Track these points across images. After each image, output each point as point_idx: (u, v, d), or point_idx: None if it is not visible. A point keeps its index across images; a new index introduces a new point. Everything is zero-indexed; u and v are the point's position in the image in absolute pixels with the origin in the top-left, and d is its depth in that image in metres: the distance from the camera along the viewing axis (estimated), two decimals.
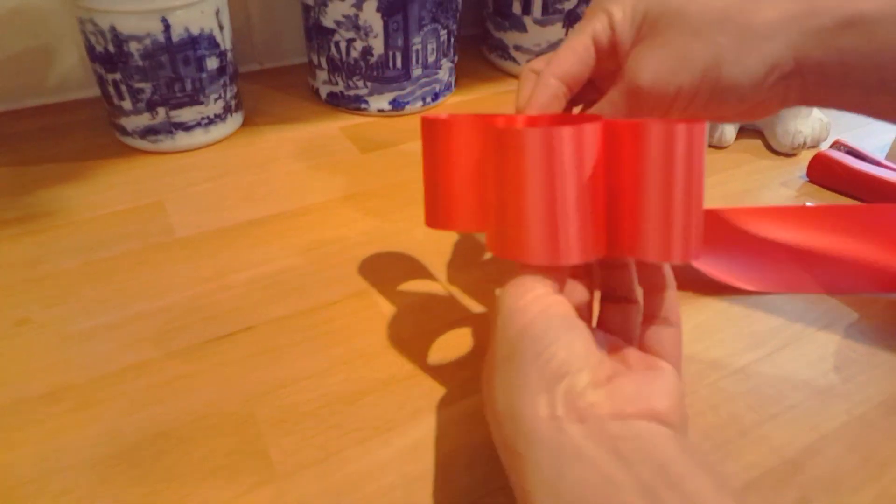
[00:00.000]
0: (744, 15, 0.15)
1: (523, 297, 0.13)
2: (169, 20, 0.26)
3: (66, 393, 0.18)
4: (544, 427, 0.11)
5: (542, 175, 0.12)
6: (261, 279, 0.22)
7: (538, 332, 0.12)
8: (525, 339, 0.12)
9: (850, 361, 0.20)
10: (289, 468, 0.16)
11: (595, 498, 0.11)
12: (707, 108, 0.16)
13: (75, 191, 0.27)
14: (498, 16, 0.37)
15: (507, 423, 0.12)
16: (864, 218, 0.22)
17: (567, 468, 0.11)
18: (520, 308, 0.13)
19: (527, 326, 0.12)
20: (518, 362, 0.12)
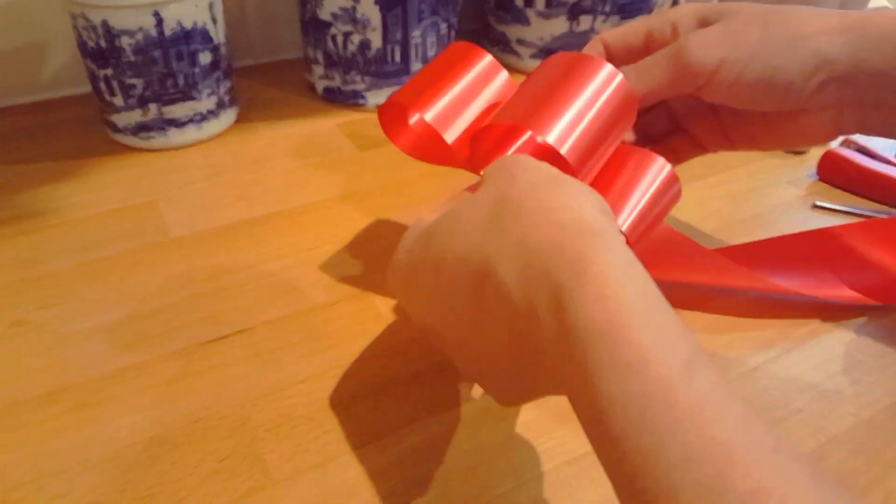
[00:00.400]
0: (802, 15, 0.15)
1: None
2: (161, 14, 0.26)
3: (61, 395, 0.18)
4: (609, 230, 0.11)
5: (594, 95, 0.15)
6: (257, 280, 0.22)
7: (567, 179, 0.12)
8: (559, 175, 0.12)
9: (857, 363, 0.19)
10: (285, 473, 0.16)
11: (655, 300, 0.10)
12: (752, 91, 0.15)
13: (68, 189, 0.26)
14: (499, 9, 0.36)
15: (548, 244, 0.11)
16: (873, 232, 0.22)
17: (637, 270, 0.11)
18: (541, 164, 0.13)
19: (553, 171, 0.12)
20: (561, 182, 0.12)
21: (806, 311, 0.21)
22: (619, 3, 0.34)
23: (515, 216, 0.11)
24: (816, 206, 0.26)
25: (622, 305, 0.10)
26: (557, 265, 0.10)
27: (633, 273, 0.10)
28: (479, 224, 0.12)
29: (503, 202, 0.12)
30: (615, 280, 0.10)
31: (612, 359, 0.09)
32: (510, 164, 0.13)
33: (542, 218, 0.11)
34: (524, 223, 0.11)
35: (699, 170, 0.29)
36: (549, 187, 0.12)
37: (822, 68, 0.15)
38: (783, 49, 0.15)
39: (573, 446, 0.17)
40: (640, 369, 0.09)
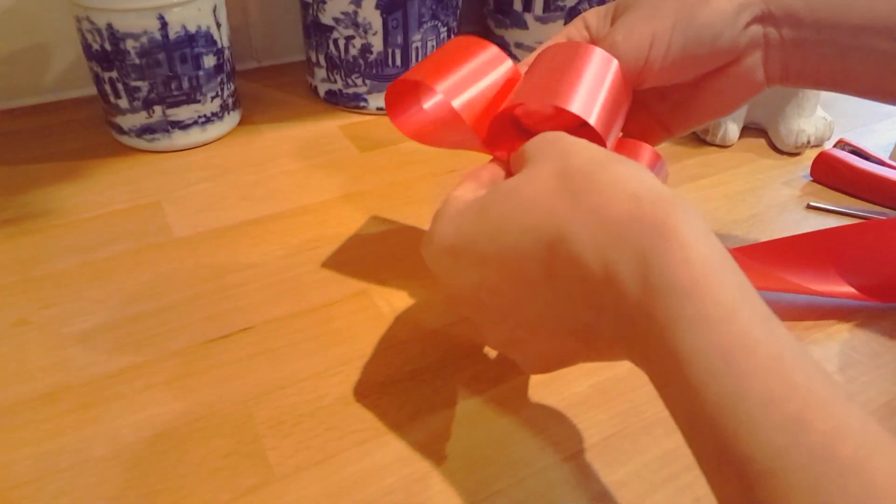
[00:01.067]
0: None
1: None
2: (166, 18, 0.26)
3: (63, 394, 0.18)
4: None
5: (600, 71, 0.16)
6: (259, 279, 0.22)
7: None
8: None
9: (852, 363, 0.19)
10: (287, 470, 0.16)
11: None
12: (685, 58, 0.16)
13: (72, 190, 0.26)
14: (499, 13, 0.37)
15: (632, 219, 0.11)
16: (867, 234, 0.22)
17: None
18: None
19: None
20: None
21: (804, 314, 0.21)
22: None
23: (586, 187, 0.12)
24: (811, 206, 0.27)
25: (706, 267, 0.10)
26: (638, 231, 0.11)
27: (711, 238, 0.11)
28: (544, 195, 0.12)
29: (568, 175, 0.12)
30: (697, 243, 0.11)
31: (696, 314, 0.10)
32: (559, 140, 0.13)
33: (616, 188, 0.12)
34: (598, 193, 0.12)
35: (695, 171, 0.29)
36: (613, 161, 0.12)
37: (741, 11, 0.16)
38: (700, 6, 0.15)
39: (571, 443, 0.17)
40: (724, 323, 0.10)
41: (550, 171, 0.13)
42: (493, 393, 0.18)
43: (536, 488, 0.16)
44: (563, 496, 0.16)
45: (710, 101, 0.18)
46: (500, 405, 0.18)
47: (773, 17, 0.16)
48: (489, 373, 0.19)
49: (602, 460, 0.16)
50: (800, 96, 0.30)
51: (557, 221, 0.12)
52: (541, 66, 0.17)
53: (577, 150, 0.13)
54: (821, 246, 0.21)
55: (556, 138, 0.14)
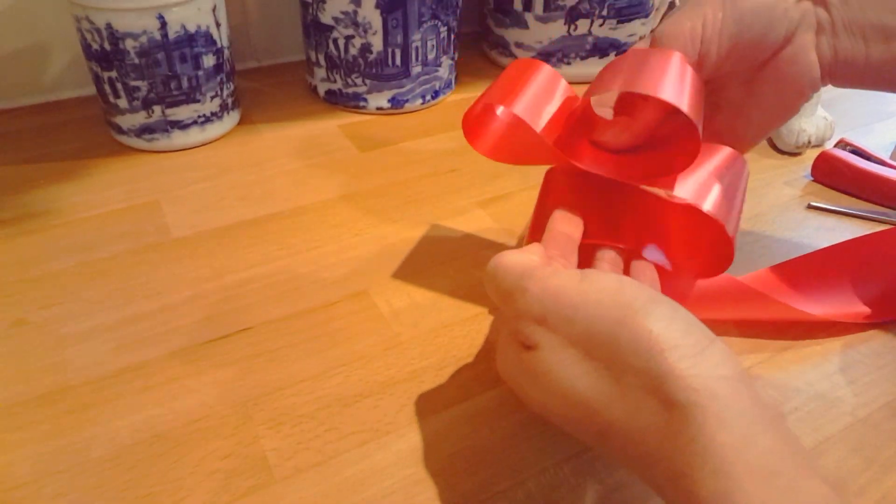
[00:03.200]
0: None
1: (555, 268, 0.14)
2: (165, 17, 0.26)
3: (62, 394, 0.18)
4: (721, 386, 0.11)
5: None
6: (258, 280, 0.22)
7: (648, 295, 0.13)
8: (637, 300, 0.13)
9: (854, 363, 0.19)
10: (286, 471, 0.16)
11: (788, 468, 0.10)
12: (739, 42, 0.16)
13: (71, 190, 0.26)
14: (499, 12, 0.37)
15: (656, 383, 0.11)
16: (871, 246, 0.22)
17: (755, 429, 0.11)
18: (584, 278, 0.13)
19: (624, 290, 0.13)
20: (648, 321, 0.12)
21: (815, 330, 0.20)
22: (616, 6, 0.35)
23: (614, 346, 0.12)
24: (811, 206, 0.27)
25: (735, 483, 0.10)
26: (660, 422, 0.11)
27: (748, 439, 0.11)
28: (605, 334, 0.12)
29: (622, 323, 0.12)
30: (730, 458, 0.10)
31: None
32: (613, 278, 0.13)
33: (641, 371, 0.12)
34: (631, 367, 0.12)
35: None
36: (621, 322, 0.12)
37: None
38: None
39: (571, 444, 0.17)
40: None
41: (607, 307, 0.13)
42: (493, 394, 0.18)
43: (537, 489, 0.16)
44: (563, 497, 0.15)
45: (767, 101, 0.17)
46: (500, 406, 0.18)
47: (825, 1, 0.16)
48: (489, 373, 0.19)
49: (602, 461, 0.16)
50: None
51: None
52: (614, 68, 0.16)
53: (630, 291, 0.13)
54: (833, 262, 0.21)
55: (612, 278, 0.13)
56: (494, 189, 0.27)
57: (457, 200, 0.26)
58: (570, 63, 0.36)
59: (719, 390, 0.11)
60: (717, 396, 0.11)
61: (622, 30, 0.36)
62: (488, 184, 0.27)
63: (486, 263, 0.15)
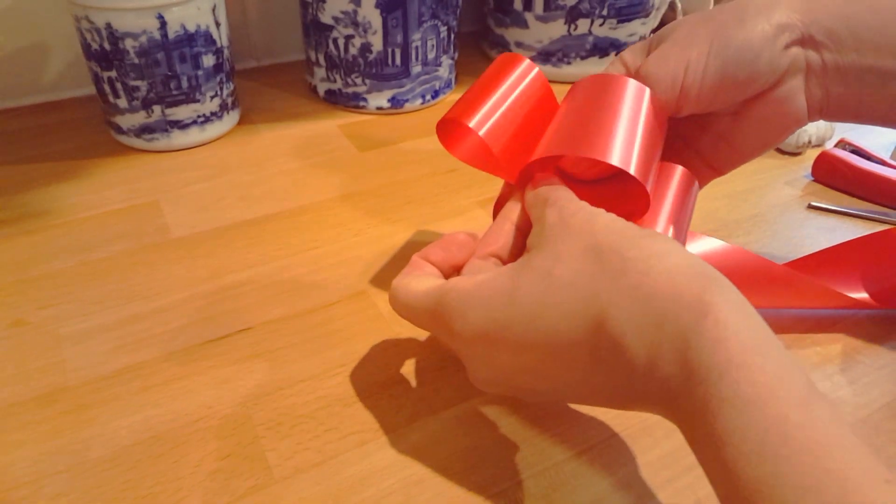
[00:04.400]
0: (742, 3, 0.16)
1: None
2: (165, 17, 0.26)
3: (61, 395, 0.18)
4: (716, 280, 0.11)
5: (634, 111, 0.15)
6: (258, 280, 0.22)
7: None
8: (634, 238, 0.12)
9: (854, 363, 0.19)
10: (286, 471, 0.16)
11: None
12: (723, 82, 0.16)
13: (70, 190, 0.26)
14: (499, 12, 0.37)
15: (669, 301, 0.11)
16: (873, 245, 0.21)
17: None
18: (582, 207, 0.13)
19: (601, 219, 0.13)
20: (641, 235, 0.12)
21: (811, 326, 0.20)
22: (616, 6, 0.35)
23: (621, 267, 0.12)
24: (812, 206, 0.26)
25: (742, 346, 0.10)
26: (676, 311, 0.11)
27: (747, 313, 0.11)
28: (580, 278, 0.12)
29: (600, 253, 0.12)
30: (733, 322, 0.11)
31: (733, 396, 0.10)
32: (580, 212, 0.13)
33: (650, 265, 0.11)
34: (635, 272, 0.11)
35: None
36: (642, 236, 0.12)
37: (779, 34, 0.15)
38: (736, 29, 0.15)
39: (571, 444, 0.17)
40: (760, 405, 0.10)
41: (580, 249, 0.12)
42: (493, 394, 0.18)
43: (537, 489, 0.16)
44: (563, 498, 0.15)
45: (752, 133, 0.17)
46: (500, 407, 0.18)
47: (814, 40, 0.15)
48: None
49: (602, 461, 0.16)
50: None
51: (599, 304, 0.12)
52: (573, 105, 0.16)
53: (602, 225, 0.13)
54: (843, 258, 0.21)
55: (576, 210, 0.13)
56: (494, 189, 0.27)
57: (457, 200, 0.26)
58: (570, 63, 0.36)
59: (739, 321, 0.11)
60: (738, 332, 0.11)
61: (622, 29, 0.36)
62: (488, 184, 0.27)
63: None
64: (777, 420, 0.10)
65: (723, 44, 0.15)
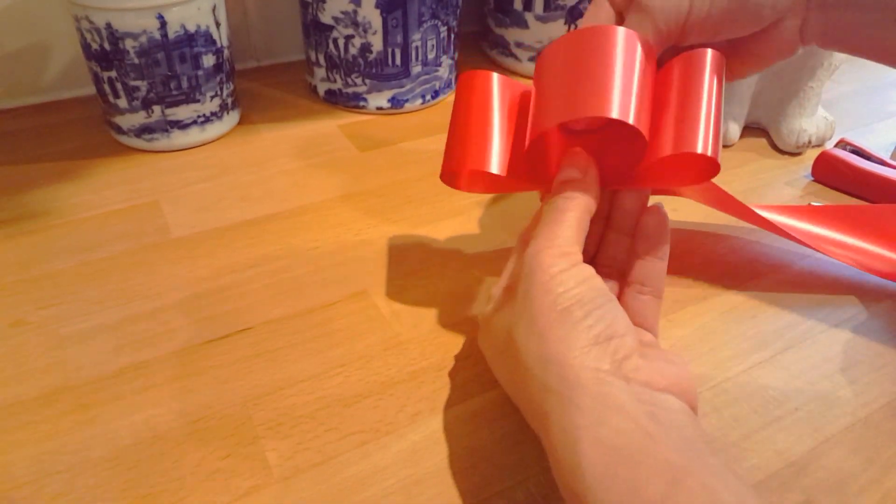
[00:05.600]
0: None
1: (563, 259, 0.14)
2: (165, 17, 0.26)
3: (61, 395, 0.18)
4: (589, 376, 0.13)
5: (627, 59, 0.15)
6: (258, 280, 0.22)
7: (587, 296, 0.14)
8: (573, 301, 0.14)
9: (854, 363, 0.19)
10: (286, 471, 0.16)
11: (634, 445, 0.12)
12: (727, 19, 0.16)
13: (70, 190, 0.26)
14: (499, 12, 0.37)
15: (539, 369, 0.13)
16: (871, 217, 0.22)
17: (609, 416, 0.12)
18: (565, 271, 0.14)
19: (575, 290, 0.14)
20: (564, 319, 0.13)
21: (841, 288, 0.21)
22: None
23: (525, 342, 0.14)
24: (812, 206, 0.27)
25: (581, 456, 0.12)
26: (542, 400, 0.13)
27: (600, 422, 0.12)
28: (509, 326, 0.14)
29: (521, 319, 0.14)
30: (579, 435, 0.12)
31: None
32: (534, 272, 0.14)
33: (535, 354, 0.13)
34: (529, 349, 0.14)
35: None
36: (546, 314, 0.14)
37: None
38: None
39: None
40: None
41: (518, 306, 0.14)
42: (493, 394, 0.18)
43: (537, 489, 0.16)
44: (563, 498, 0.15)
45: (743, 59, 0.17)
46: (500, 406, 0.18)
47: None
48: (489, 374, 0.19)
49: None
50: (801, 96, 0.30)
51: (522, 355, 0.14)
52: (558, 67, 0.16)
53: (537, 293, 0.14)
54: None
55: (531, 271, 0.14)
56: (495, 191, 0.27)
57: (457, 200, 0.26)
58: None
59: (586, 380, 0.13)
60: (581, 385, 0.13)
61: None
62: None
63: (485, 263, 0.16)
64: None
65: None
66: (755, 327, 0.21)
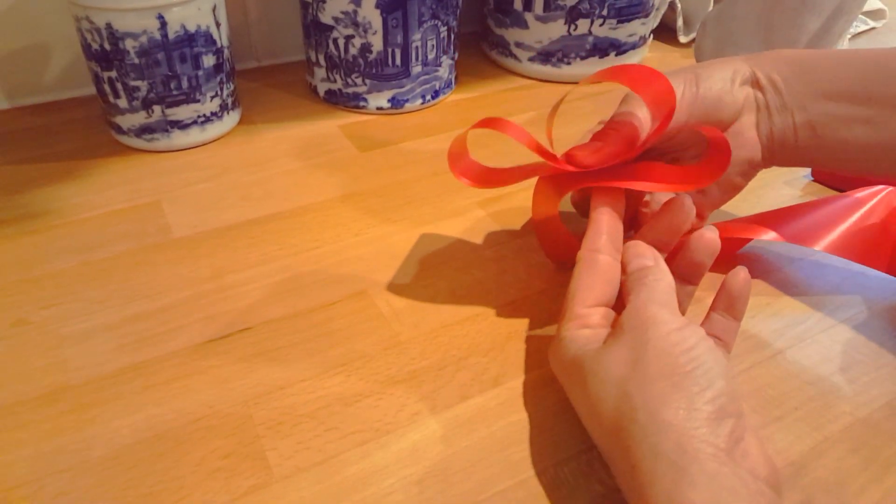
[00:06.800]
0: (711, 63, 0.20)
1: (679, 319, 0.15)
2: (165, 17, 0.26)
3: (62, 394, 0.18)
4: (708, 452, 0.13)
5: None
6: (258, 279, 0.22)
7: (708, 363, 0.14)
8: (694, 365, 0.14)
9: (854, 362, 0.19)
10: (286, 471, 0.16)
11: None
12: (693, 107, 0.19)
13: (71, 190, 0.26)
14: (499, 12, 0.37)
15: (654, 431, 0.13)
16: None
17: (724, 498, 0.12)
18: (680, 329, 0.15)
19: (695, 352, 0.14)
20: (686, 386, 0.14)
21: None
22: (616, 6, 0.35)
23: (642, 401, 0.14)
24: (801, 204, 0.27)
25: None
26: (648, 462, 0.13)
27: (716, 500, 0.12)
28: (620, 381, 0.14)
29: (636, 374, 0.14)
30: None
31: None
32: (647, 326, 0.15)
33: (653, 417, 0.13)
34: (647, 409, 0.14)
35: None
36: (668, 376, 0.14)
37: (735, 75, 0.19)
38: (706, 77, 0.19)
39: (570, 445, 0.17)
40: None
41: (625, 357, 0.15)
42: (493, 394, 0.18)
43: (537, 489, 0.16)
44: (563, 498, 0.15)
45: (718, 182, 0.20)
46: (500, 406, 0.18)
47: (759, 82, 0.19)
48: (489, 374, 0.19)
49: (603, 462, 0.16)
50: None
51: (621, 412, 0.14)
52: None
53: (653, 346, 0.14)
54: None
55: (645, 321, 0.15)
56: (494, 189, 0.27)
57: (457, 200, 0.26)
58: (570, 63, 0.36)
59: (704, 457, 0.13)
60: (698, 461, 0.12)
61: (622, 30, 0.36)
62: None
63: (486, 263, 0.16)
64: None
65: (693, 83, 0.19)
66: (755, 327, 0.21)
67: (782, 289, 0.22)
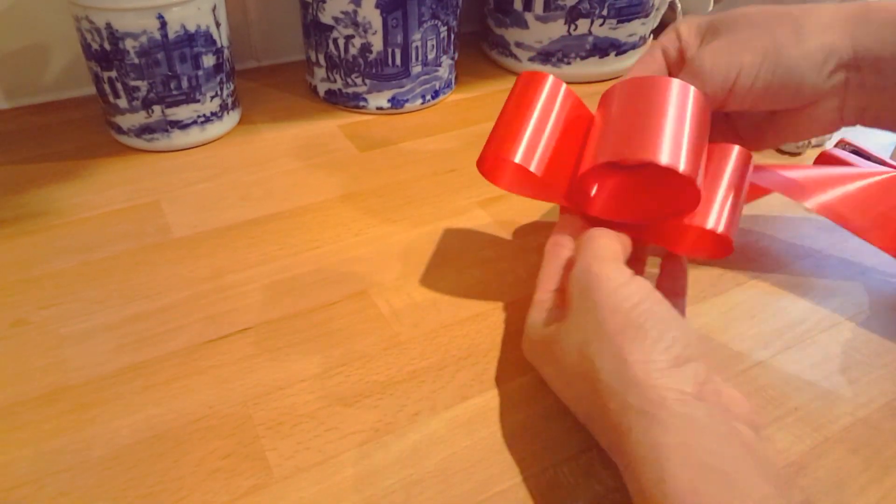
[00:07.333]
0: (802, 11, 0.17)
1: (624, 273, 0.15)
2: (165, 17, 0.26)
3: (62, 394, 0.18)
4: (674, 398, 0.13)
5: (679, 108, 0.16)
6: (259, 279, 0.22)
7: (658, 313, 0.14)
8: (644, 317, 0.14)
9: (855, 363, 0.19)
10: (286, 471, 0.16)
11: (726, 466, 0.12)
12: (768, 93, 0.17)
13: (71, 190, 0.26)
14: (499, 12, 0.37)
15: (620, 387, 0.13)
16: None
17: (698, 436, 0.12)
18: (626, 284, 0.15)
19: (643, 306, 0.14)
20: (641, 338, 0.14)
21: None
22: (616, 6, 0.35)
23: (602, 362, 0.14)
24: None
25: (668, 473, 0.12)
26: (623, 416, 0.13)
27: (689, 442, 0.12)
28: (580, 345, 0.15)
29: (593, 337, 0.14)
30: (667, 454, 0.12)
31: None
32: (592, 287, 0.15)
33: (616, 374, 0.14)
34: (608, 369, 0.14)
35: None
36: (621, 332, 0.14)
37: (829, 59, 0.16)
38: (791, 47, 0.16)
39: (570, 444, 0.17)
40: None
41: (582, 320, 0.15)
42: (493, 394, 0.18)
43: (537, 489, 0.16)
44: (563, 497, 0.15)
45: (785, 131, 0.19)
46: (500, 406, 0.18)
47: (859, 64, 0.16)
48: (489, 374, 0.19)
49: (603, 462, 0.16)
50: None
51: (595, 371, 0.14)
52: (614, 109, 0.17)
53: (604, 304, 0.14)
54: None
55: (592, 285, 0.15)
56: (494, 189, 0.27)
57: (457, 200, 0.26)
58: (570, 63, 0.36)
59: (671, 402, 0.13)
60: (666, 406, 0.13)
61: (622, 30, 0.36)
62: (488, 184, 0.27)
63: (486, 263, 0.16)
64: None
65: (775, 60, 0.16)
66: (755, 327, 0.21)
67: (782, 288, 0.22)
